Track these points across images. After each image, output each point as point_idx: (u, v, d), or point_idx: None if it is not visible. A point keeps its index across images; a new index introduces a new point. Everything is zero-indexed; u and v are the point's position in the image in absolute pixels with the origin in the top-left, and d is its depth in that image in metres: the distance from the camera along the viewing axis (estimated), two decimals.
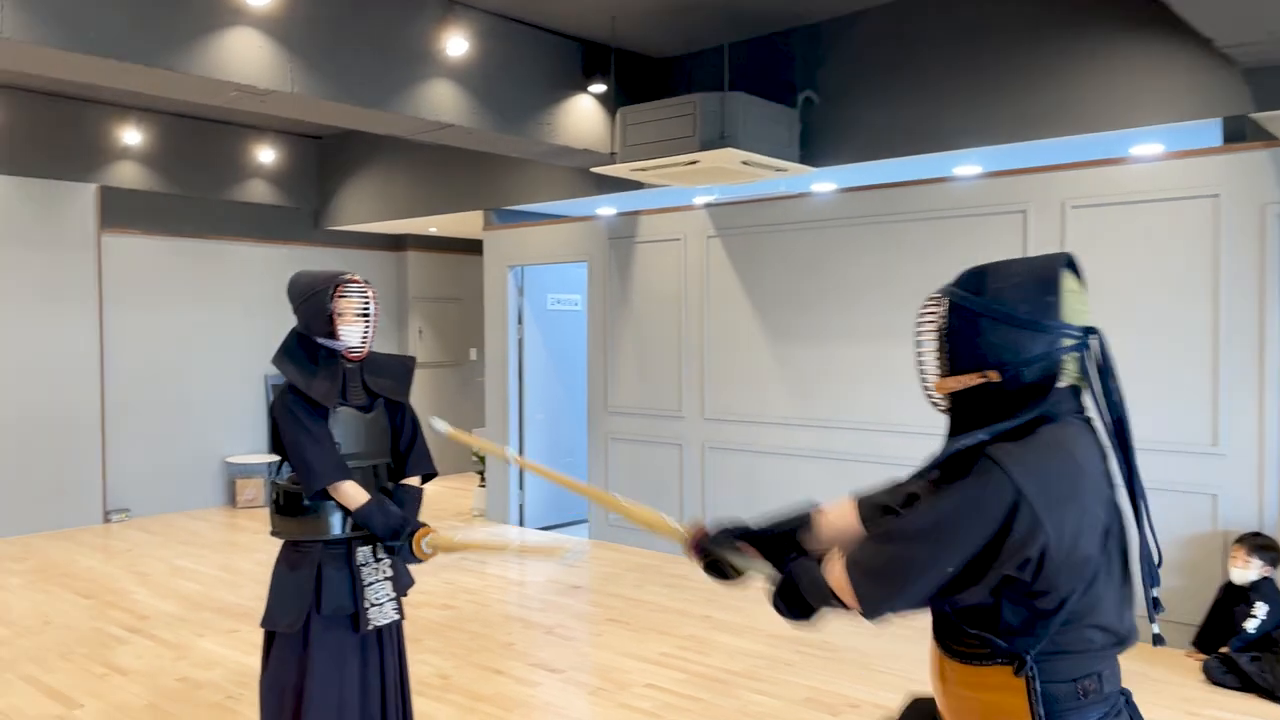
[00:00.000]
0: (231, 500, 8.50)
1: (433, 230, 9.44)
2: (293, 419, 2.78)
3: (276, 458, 2.98)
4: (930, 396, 1.60)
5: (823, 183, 6.31)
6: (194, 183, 8.19)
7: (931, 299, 1.59)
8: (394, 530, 2.78)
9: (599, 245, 7.09)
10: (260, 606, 5.41)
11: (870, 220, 5.73)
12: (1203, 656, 4.36)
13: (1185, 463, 4.60)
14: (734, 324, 6.33)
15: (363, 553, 2.89)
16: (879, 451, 5.63)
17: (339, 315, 2.82)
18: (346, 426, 2.87)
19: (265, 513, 8.16)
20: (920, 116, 5.36)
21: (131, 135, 7.72)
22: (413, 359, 3.13)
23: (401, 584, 3.02)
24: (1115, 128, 4.74)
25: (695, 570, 5.88)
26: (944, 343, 1.54)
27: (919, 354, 1.59)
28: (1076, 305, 1.52)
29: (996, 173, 5.28)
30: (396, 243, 9.88)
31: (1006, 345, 1.48)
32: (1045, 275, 1.51)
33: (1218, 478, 4.54)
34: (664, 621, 5.11)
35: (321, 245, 9.14)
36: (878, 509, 1.73)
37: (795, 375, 6.04)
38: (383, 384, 2.97)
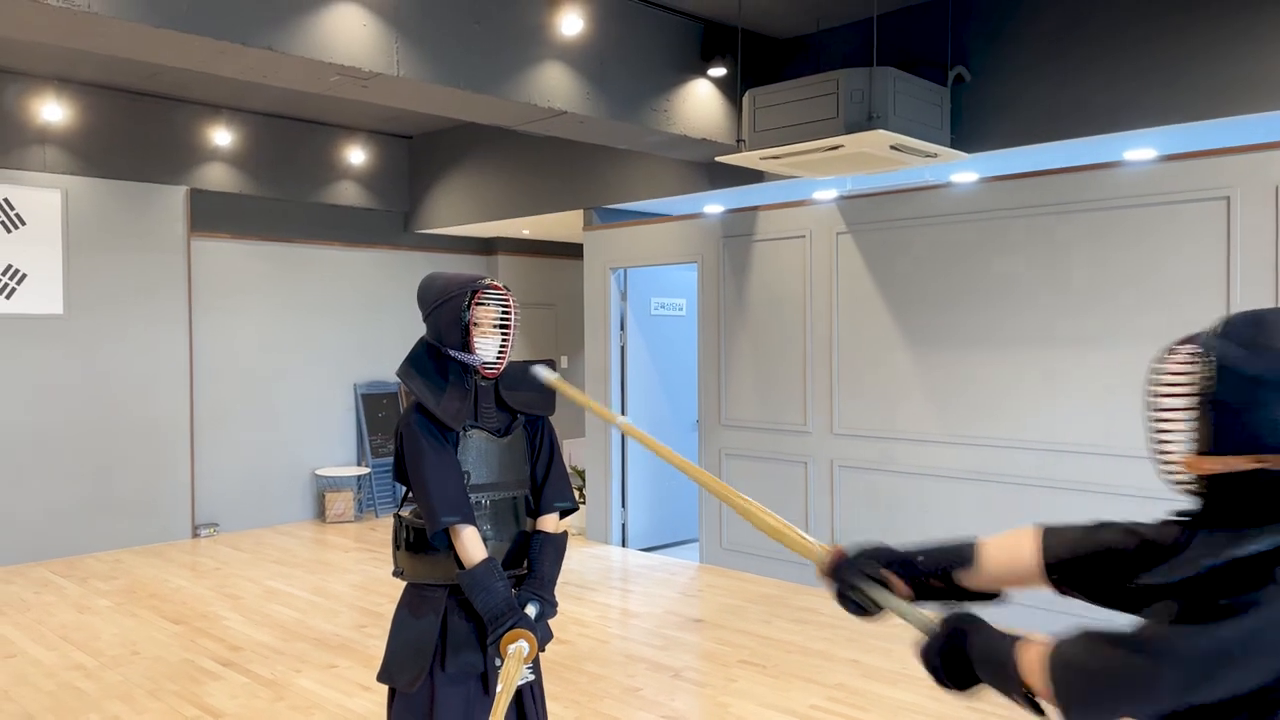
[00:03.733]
0: (321, 514, 8.17)
1: (525, 233, 9.02)
2: (417, 443, 2.34)
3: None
4: (1171, 473, 1.25)
5: (964, 172, 5.68)
6: (283, 185, 7.90)
7: (1185, 351, 1.23)
8: (494, 615, 2.27)
9: (711, 244, 6.55)
10: (358, 636, 5.04)
11: (1029, 212, 5.08)
12: None
13: None
14: (868, 328, 5.72)
15: None
16: (1042, 473, 4.98)
17: (475, 325, 2.40)
18: (479, 453, 2.43)
19: (355, 528, 7.81)
20: (1091, 92, 4.71)
21: (221, 136, 7.45)
22: (553, 362, 2.65)
23: (537, 639, 2.53)
24: None
25: (828, 603, 5.32)
26: (1206, 413, 1.19)
27: (1158, 417, 1.24)
28: None
29: (1186, 154, 4.59)
30: (487, 246, 9.49)
31: None
32: None
33: None
34: (805, 666, 4.53)
35: (411, 249, 8.80)
36: (1069, 551, 1.40)
37: (940, 386, 5.41)
38: (524, 399, 2.52)
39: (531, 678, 2.50)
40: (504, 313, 2.42)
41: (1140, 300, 4.66)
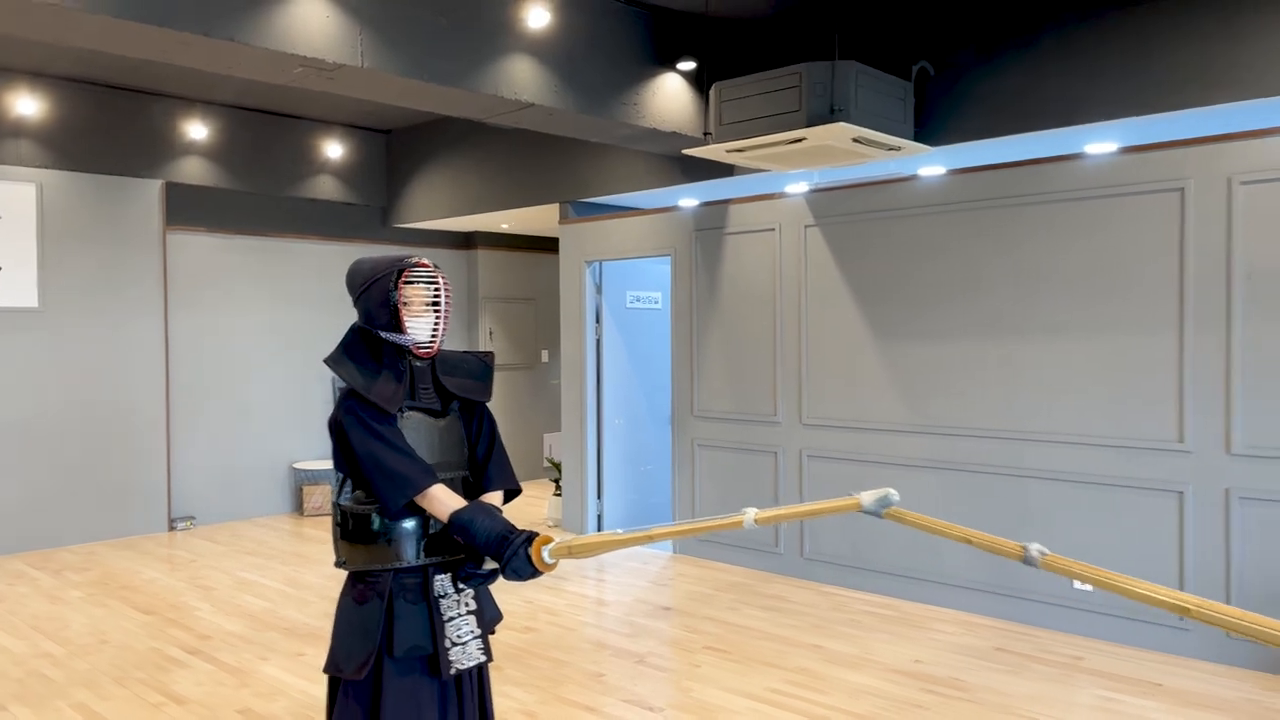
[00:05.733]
0: (298, 507, 8.20)
1: (504, 227, 9.05)
2: (362, 427, 2.32)
3: (342, 475, 2.51)
4: None
5: (932, 165, 5.73)
6: (260, 179, 7.91)
7: None
8: (501, 536, 2.24)
9: (684, 237, 6.60)
10: (328, 624, 5.07)
11: (992, 204, 5.14)
12: None
13: None
14: (835, 320, 5.78)
15: (441, 583, 2.41)
16: (1004, 462, 5.04)
17: (405, 305, 2.37)
18: (417, 434, 2.40)
19: (333, 520, 7.82)
20: (1052, 86, 4.76)
21: (197, 130, 7.46)
22: (491, 354, 2.65)
23: (486, 618, 2.54)
24: None
25: (796, 591, 5.38)
26: None
27: None
28: None
29: (1143, 146, 4.66)
30: (466, 241, 9.52)
31: None
32: None
33: None
34: (768, 651, 4.58)
35: (389, 243, 8.82)
36: None
37: (906, 376, 5.47)
38: (461, 383, 2.50)
39: (483, 659, 2.52)
40: (434, 291, 2.40)
41: (1101, 289, 4.73)
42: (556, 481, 7.70)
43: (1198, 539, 4.43)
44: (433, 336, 2.41)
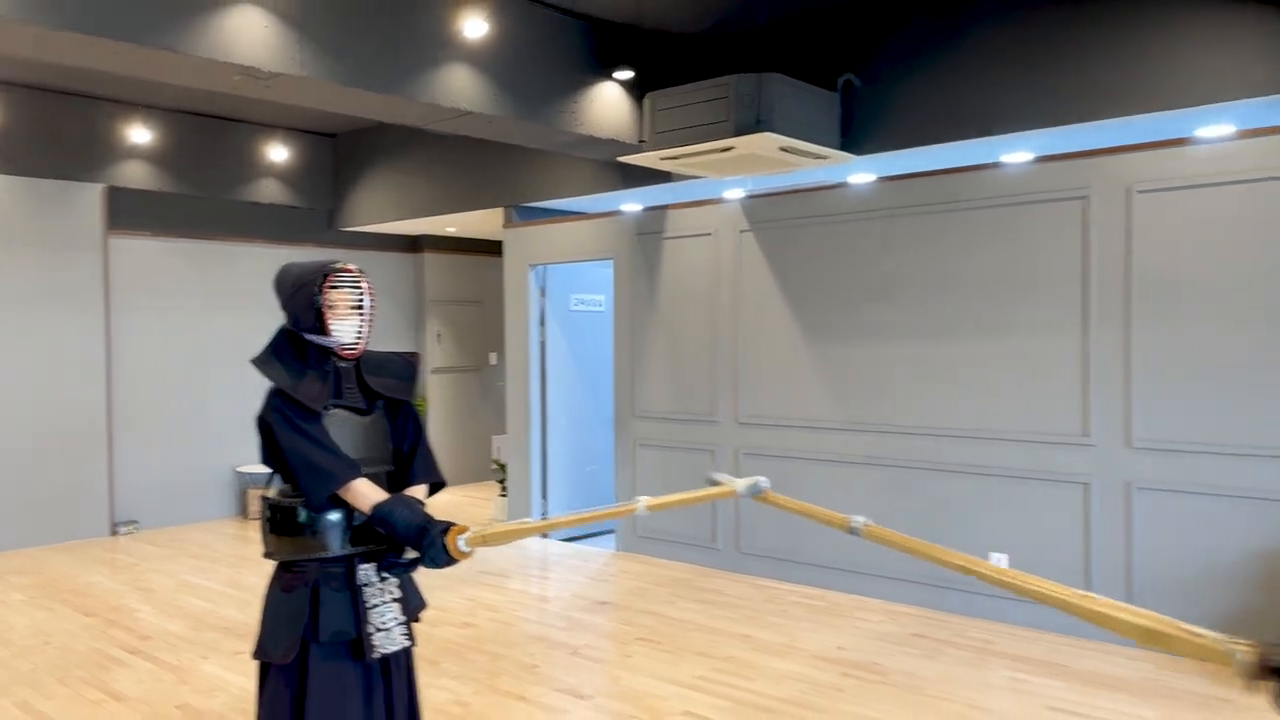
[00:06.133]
0: (243, 511, 8.22)
1: (450, 230, 9.14)
2: (286, 423, 2.44)
3: (269, 470, 2.63)
4: None
5: (860, 173, 5.96)
6: (204, 183, 7.92)
7: None
8: (420, 527, 2.36)
9: (625, 241, 6.76)
10: None
11: (915, 211, 5.37)
12: None
13: None
14: (770, 322, 5.97)
15: (365, 571, 2.53)
16: (932, 458, 5.27)
17: (329, 308, 2.49)
18: (341, 430, 2.52)
19: (260, 513, 7.86)
20: (970, 99, 5.00)
21: (139, 134, 7.46)
22: (416, 355, 2.78)
23: (411, 606, 2.67)
24: (1183, 105, 4.36)
25: (732, 585, 5.56)
26: None
27: None
28: None
29: (1053, 156, 4.91)
30: (413, 244, 9.59)
31: None
32: None
33: None
34: (700, 641, 4.75)
35: (335, 246, 8.87)
36: None
37: (837, 376, 5.68)
38: (384, 383, 2.62)
39: (407, 644, 2.65)
40: (358, 295, 2.51)
41: (1014, 292, 4.97)
42: (502, 482, 7.81)
43: (1102, 528, 4.69)
44: (357, 338, 2.53)
